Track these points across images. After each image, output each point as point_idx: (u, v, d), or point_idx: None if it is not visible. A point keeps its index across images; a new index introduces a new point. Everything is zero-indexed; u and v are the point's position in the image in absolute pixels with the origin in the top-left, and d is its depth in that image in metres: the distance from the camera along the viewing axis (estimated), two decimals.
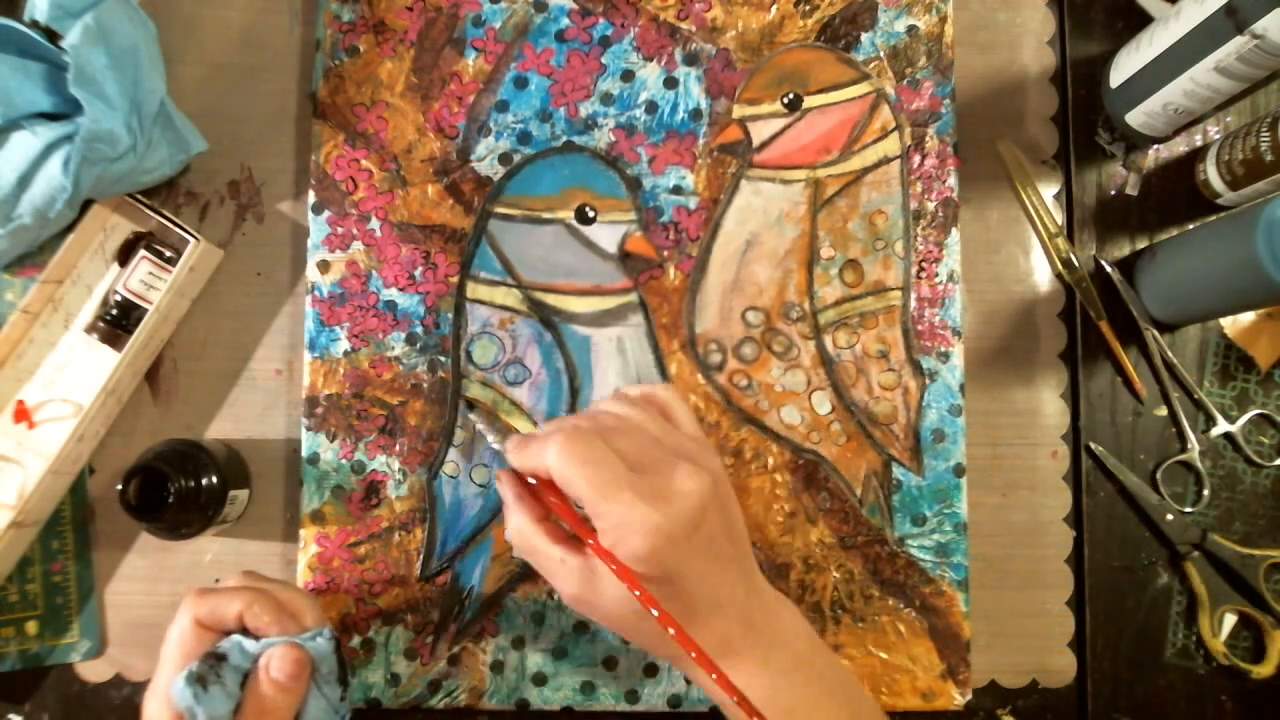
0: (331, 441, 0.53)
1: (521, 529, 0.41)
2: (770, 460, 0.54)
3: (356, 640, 0.52)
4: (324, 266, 0.54)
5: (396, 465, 0.53)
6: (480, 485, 0.53)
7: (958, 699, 0.53)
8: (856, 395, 0.54)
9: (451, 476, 0.53)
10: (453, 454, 0.53)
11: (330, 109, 0.55)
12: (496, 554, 0.53)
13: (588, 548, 0.39)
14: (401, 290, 0.54)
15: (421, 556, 0.53)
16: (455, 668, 0.52)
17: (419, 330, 0.54)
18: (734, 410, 0.54)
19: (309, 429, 0.53)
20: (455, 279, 0.54)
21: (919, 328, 0.55)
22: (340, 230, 0.54)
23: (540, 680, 0.52)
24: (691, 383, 0.54)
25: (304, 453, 0.53)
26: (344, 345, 0.54)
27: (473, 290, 0.54)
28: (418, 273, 0.54)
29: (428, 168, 0.55)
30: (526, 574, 0.53)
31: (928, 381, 0.54)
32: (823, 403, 0.54)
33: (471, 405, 0.52)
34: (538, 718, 0.53)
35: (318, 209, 0.54)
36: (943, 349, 0.55)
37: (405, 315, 0.54)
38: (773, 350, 0.54)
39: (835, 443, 0.54)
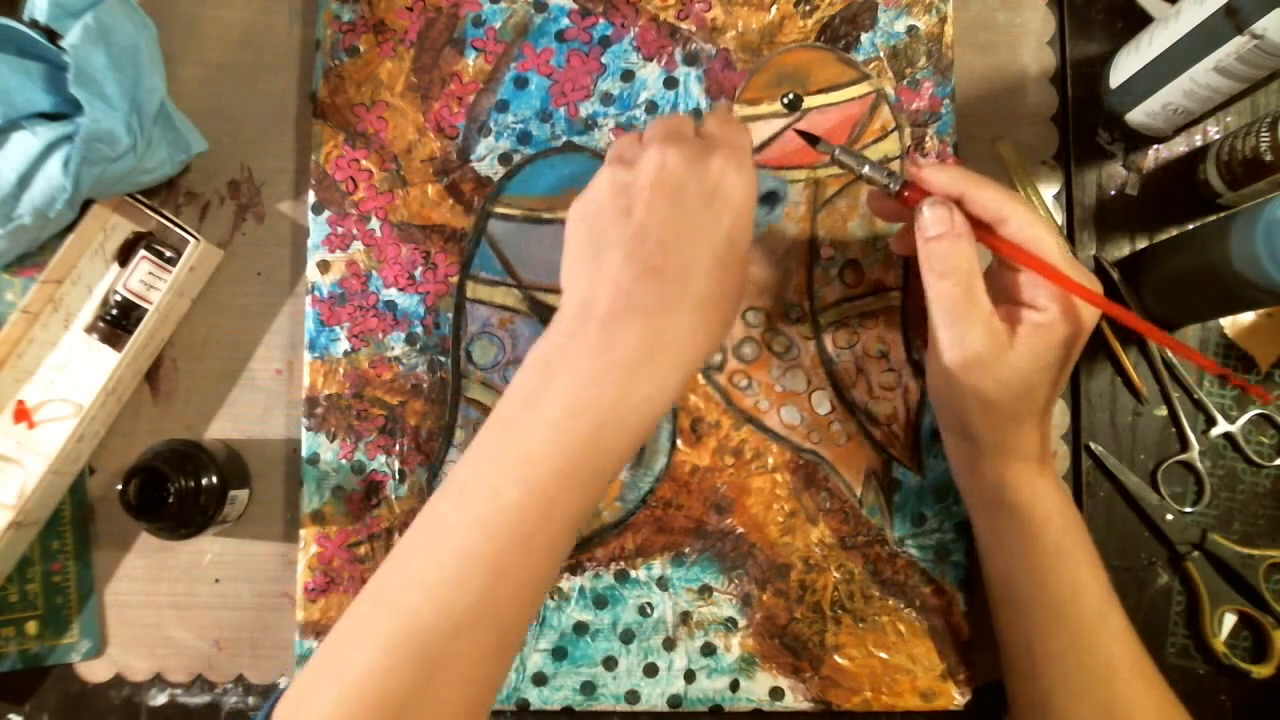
0: (331, 441, 0.53)
1: (968, 274, 0.41)
2: (770, 460, 0.54)
3: None
4: (324, 266, 0.54)
5: (396, 465, 0.53)
6: None
7: (958, 699, 0.53)
8: (856, 395, 0.54)
9: None
10: (453, 454, 0.53)
11: (330, 109, 0.55)
12: None
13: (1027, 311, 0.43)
14: (401, 290, 0.54)
15: None
16: None
17: (419, 330, 0.54)
18: (734, 410, 0.54)
19: (309, 429, 0.53)
20: (455, 279, 0.54)
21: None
22: (340, 230, 0.54)
23: (540, 680, 0.52)
24: (691, 383, 0.54)
25: (304, 453, 0.53)
26: (344, 345, 0.54)
27: (473, 290, 0.54)
28: (418, 273, 0.54)
29: (428, 168, 0.55)
30: None
31: None
32: (823, 403, 0.54)
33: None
34: (538, 718, 0.53)
35: (318, 209, 0.54)
36: None
37: (405, 315, 0.54)
38: (773, 350, 0.54)
39: (835, 443, 0.54)
